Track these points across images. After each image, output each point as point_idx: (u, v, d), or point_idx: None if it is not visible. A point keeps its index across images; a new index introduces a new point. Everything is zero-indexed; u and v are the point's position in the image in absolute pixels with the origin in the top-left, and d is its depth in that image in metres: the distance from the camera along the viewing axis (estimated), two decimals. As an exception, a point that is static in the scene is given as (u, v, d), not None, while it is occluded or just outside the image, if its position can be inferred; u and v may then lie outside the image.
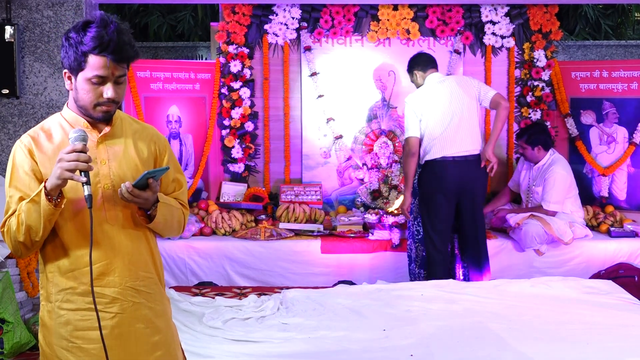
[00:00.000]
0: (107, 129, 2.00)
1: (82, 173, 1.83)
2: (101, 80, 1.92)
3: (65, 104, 2.04)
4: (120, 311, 1.98)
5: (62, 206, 1.88)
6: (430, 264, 4.64)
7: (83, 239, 1.94)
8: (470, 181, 4.54)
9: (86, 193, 1.84)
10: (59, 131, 1.98)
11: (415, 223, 4.81)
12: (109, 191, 1.97)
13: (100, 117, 1.97)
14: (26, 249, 1.93)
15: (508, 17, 5.74)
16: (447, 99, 4.56)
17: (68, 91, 2.00)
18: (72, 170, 1.82)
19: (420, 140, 4.61)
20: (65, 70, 1.96)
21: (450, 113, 4.52)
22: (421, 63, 4.77)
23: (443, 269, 4.61)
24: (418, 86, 4.79)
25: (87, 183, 1.84)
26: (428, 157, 4.56)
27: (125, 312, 1.98)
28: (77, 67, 1.92)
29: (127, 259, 1.99)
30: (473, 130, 4.55)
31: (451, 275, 4.69)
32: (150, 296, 2.04)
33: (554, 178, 5.06)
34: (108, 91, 1.92)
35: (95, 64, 1.89)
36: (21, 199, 1.92)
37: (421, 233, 4.73)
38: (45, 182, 1.86)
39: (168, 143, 2.17)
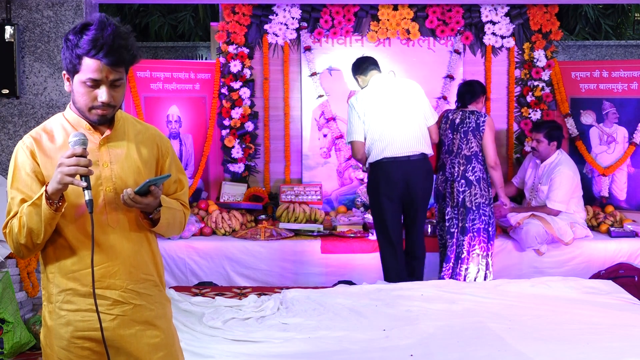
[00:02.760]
0: (108, 131, 1.99)
1: (83, 178, 1.83)
2: (95, 84, 1.91)
3: (68, 105, 2.03)
4: (121, 313, 1.98)
5: (63, 210, 1.88)
6: (385, 267, 4.61)
7: (85, 240, 1.94)
8: (413, 180, 4.46)
9: (87, 198, 1.84)
10: (61, 132, 1.98)
11: (439, 227, 4.89)
12: (111, 194, 1.96)
13: (96, 120, 1.96)
14: (28, 250, 1.93)
15: (508, 17, 5.74)
16: (389, 99, 4.51)
17: (69, 92, 2.00)
18: (72, 175, 1.81)
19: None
20: (64, 72, 1.96)
21: (391, 114, 4.47)
22: (360, 67, 4.69)
23: (396, 269, 4.55)
24: None
25: (88, 188, 1.84)
26: (371, 159, 4.50)
27: (126, 314, 1.98)
28: (72, 70, 1.92)
29: (129, 262, 1.99)
30: (416, 131, 4.47)
31: (404, 275, 4.63)
32: (151, 298, 2.04)
33: (560, 177, 5.06)
34: (102, 95, 1.91)
35: (89, 67, 1.88)
36: (23, 200, 1.91)
37: (444, 238, 4.75)
38: (46, 185, 1.86)
39: (170, 144, 2.17)
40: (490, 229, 4.70)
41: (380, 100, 4.52)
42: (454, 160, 4.72)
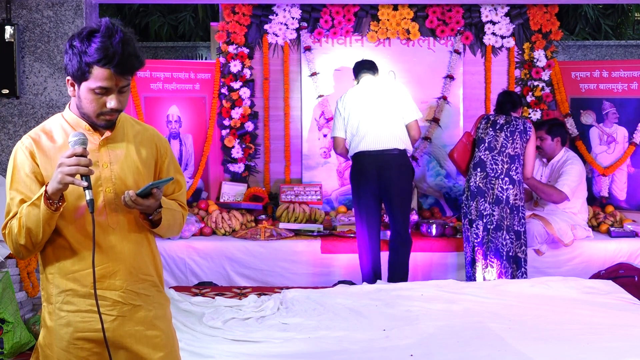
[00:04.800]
0: (108, 133, 1.99)
1: (83, 177, 1.82)
2: (105, 91, 1.90)
3: (67, 105, 2.03)
4: (121, 314, 1.98)
5: (62, 210, 1.87)
6: (359, 260, 4.80)
7: (84, 241, 1.94)
8: (386, 170, 4.64)
9: (88, 198, 1.83)
10: (60, 133, 1.98)
11: (475, 226, 4.84)
12: (111, 195, 1.96)
13: (104, 125, 1.96)
14: (27, 251, 1.93)
15: (508, 17, 5.74)
16: (369, 99, 4.76)
17: (73, 96, 1.98)
18: (73, 175, 1.81)
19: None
20: (69, 77, 1.94)
21: (369, 112, 4.71)
22: (354, 71, 5.00)
23: (366, 262, 4.75)
24: None
25: (89, 187, 1.83)
26: (350, 152, 4.80)
27: (125, 314, 1.98)
28: (80, 77, 1.89)
29: (129, 263, 1.99)
30: (391, 129, 4.68)
31: (376, 268, 4.76)
32: (150, 298, 2.04)
33: (571, 168, 5.05)
34: (111, 101, 1.91)
35: (99, 75, 1.87)
36: (22, 201, 1.91)
37: (479, 236, 4.72)
38: (46, 185, 1.85)
39: (169, 144, 2.16)
40: (527, 234, 4.76)
41: (361, 99, 4.77)
42: (496, 157, 4.72)
